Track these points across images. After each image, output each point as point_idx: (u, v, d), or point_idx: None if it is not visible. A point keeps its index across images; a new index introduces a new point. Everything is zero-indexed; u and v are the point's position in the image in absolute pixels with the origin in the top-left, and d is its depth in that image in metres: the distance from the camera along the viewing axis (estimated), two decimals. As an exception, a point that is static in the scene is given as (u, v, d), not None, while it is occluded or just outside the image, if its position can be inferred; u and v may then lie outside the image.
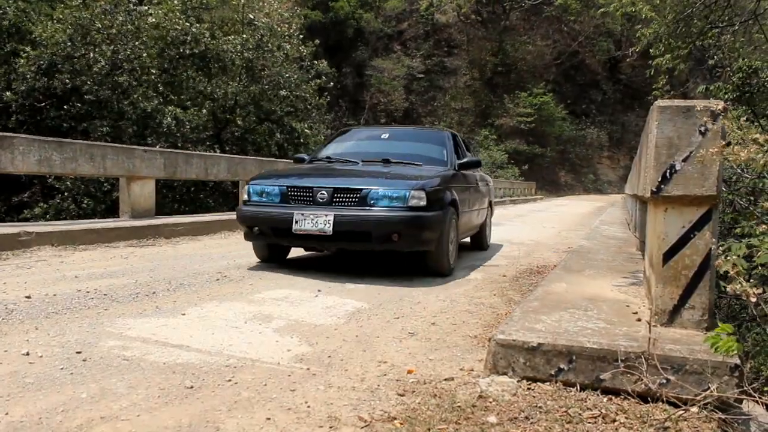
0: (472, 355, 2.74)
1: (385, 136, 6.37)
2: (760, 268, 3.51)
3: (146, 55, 13.06)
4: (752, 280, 2.73)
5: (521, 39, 41.00)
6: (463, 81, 39.25)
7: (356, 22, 36.04)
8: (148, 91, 12.94)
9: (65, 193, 11.62)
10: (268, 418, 1.95)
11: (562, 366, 2.30)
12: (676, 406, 2.05)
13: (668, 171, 2.51)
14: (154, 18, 13.09)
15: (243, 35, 14.78)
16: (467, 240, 6.84)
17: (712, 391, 2.05)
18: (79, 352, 2.52)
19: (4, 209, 13.12)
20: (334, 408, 2.06)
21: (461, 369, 2.53)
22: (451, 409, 2.06)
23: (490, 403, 2.13)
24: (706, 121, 2.46)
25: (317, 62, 17.04)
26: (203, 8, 15.85)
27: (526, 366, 2.35)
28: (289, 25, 16.19)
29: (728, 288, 2.02)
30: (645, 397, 2.14)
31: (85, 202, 11.60)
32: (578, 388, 2.25)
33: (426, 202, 4.53)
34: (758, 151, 2.31)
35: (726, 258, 2.06)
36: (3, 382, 2.16)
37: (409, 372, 2.48)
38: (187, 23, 13.62)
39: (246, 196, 5.02)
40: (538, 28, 41.33)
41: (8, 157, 6.10)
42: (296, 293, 3.97)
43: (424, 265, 4.91)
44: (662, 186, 2.52)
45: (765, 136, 2.35)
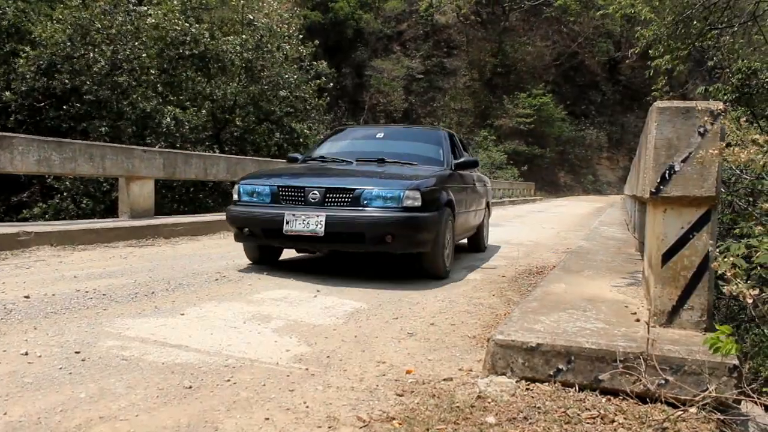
0: (471, 356, 2.74)
1: (381, 135, 6.26)
2: (759, 268, 3.52)
3: (146, 56, 13.06)
4: (750, 281, 2.73)
5: (521, 40, 41.02)
6: (463, 82, 39.25)
7: (356, 23, 36.05)
8: (148, 91, 12.94)
9: (64, 193, 11.61)
10: (267, 418, 1.95)
11: (561, 366, 2.30)
12: (675, 406, 2.06)
13: (667, 172, 2.51)
14: (153, 18, 13.09)
15: (242, 36, 14.78)
16: (464, 241, 6.79)
17: (710, 392, 2.05)
18: (77, 352, 2.52)
19: (3, 209, 13.11)
20: (333, 408, 2.06)
21: (460, 369, 2.53)
22: (450, 409, 2.06)
23: (489, 403, 2.13)
24: (706, 122, 2.46)
25: (317, 63, 17.04)
26: (203, 9, 15.84)
27: (525, 366, 2.35)
28: (288, 25, 16.20)
29: (725, 289, 2.03)
30: (644, 398, 2.14)
31: (84, 202, 11.59)
32: (577, 388, 2.25)
33: (421, 202, 4.44)
34: (758, 152, 2.31)
35: (724, 259, 2.07)
36: (2, 381, 2.16)
37: (408, 372, 2.48)
38: (187, 24, 13.62)
39: (236, 196, 4.92)
40: (538, 29, 41.35)
41: (7, 157, 6.10)
42: (295, 293, 3.97)
43: (419, 267, 4.82)
44: (661, 187, 2.52)
45: (765, 137, 2.35)
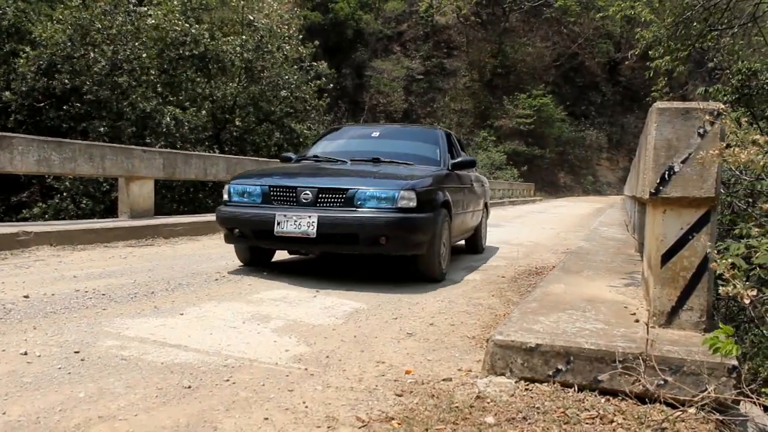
0: (471, 356, 2.74)
1: (376, 134, 6.13)
2: (759, 269, 3.51)
3: (146, 56, 13.06)
4: (749, 281, 2.73)
5: (521, 41, 41.03)
6: (463, 82, 39.26)
7: (356, 24, 36.06)
8: (148, 91, 12.94)
9: (64, 193, 11.62)
10: (266, 418, 1.95)
11: (560, 367, 2.30)
12: (674, 407, 2.06)
13: (667, 173, 2.51)
14: (153, 19, 13.10)
15: (242, 36, 14.80)
16: (462, 243, 6.71)
17: (709, 392, 2.05)
18: (77, 352, 2.52)
19: (2, 209, 13.12)
20: (332, 408, 2.06)
21: (459, 369, 2.53)
22: (449, 409, 2.06)
23: (488, 403, 2.13)
24: (705, 122, 2.46)
25: (317, 63, 17.06)
26: (203, 9, 15.85)
27: (524, 367, 2.35)
28: (288, 26, 16.21)
29: (720, 290, 2.03)
30: (643, 398, 2.14)
31: (84, 202, 11.60)
32: (576, 388, 2.25)
33: (416, 203, 4.32)
34: (758, 153, 2.31)
35: (722, 259, 2.07)
36: (1, 381, 2.16)
37: (407, 372, 2.48)
38: (187, 24, 13.63)
39: (226, 196, 4.81)
40: (538, 29, 41.37)
41: (7, 156, 6.10)
42: (294, 293, 3.97)
43: (415, 270, 4.69)
44: (661, 187, 2.52)
45: (765, 138, 2.35)
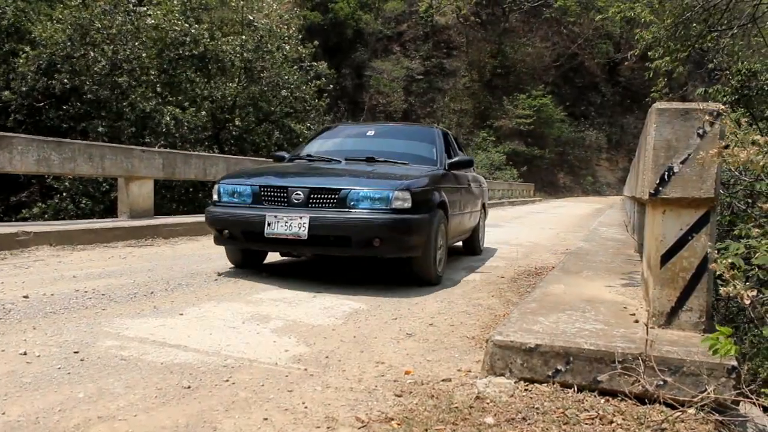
0: (470, 356, 2.74)
1: (371, 133, 5.98)
2: (758, 269, 3.52)
3: (145, 56, 13.07)
4: (748, 282, 2.73)
5: (520, 41, 41.04)
6: (462, 83, 39.27)
7: (356, 24, 36.07)
8: (147, 91, 12.94)
9: (64, 193, 11.62)
10: (266, 419, 1.95)
11: (560, 367, 2.30)
12: (674, 407, 2.06)
13: (666, 173, 2.51)
14: (153, 19, 13.10)
15: (242, 36, 14.80)
16: (459, 244, 6.62)
17: (709, 393, 2.05)
18: (76, 352, 2.52)
19: (2, 209, 13.12)
20: (332, 408, 2.06)
21: (459, 370, 2.53)
22: (449, 410, 2.06)
23: (488, 404, 2.13)
24: (705, 123, 2.46)
25: (316, 63, 17.06)
26: (202, 9, 15.86)
27: (524, 367, 2.35)
28: (288, 26, 16.22)
29: (721, 290, 2.03)
30: (642, 399, 2.15)
31: (84, 202, 11.60)
32: (575, 389, 2.25)
33: (411, 203, 4.20)
34: (757, 153, 2.31)
35: (722, 259, 2.07)
36: (0, 381, 2.16)
37: (407, 373, 2.48)
38: (186, 24, 13.63)
39: (216, 196, 4.66)
40: (538, 30, 41.38)
41: (6, 156, 6.10)
42: (294, 294, 3.97)
43: (409, 272, 4.55)
44: (660, 188, 2.52)
45: (764, 138, 2.35)
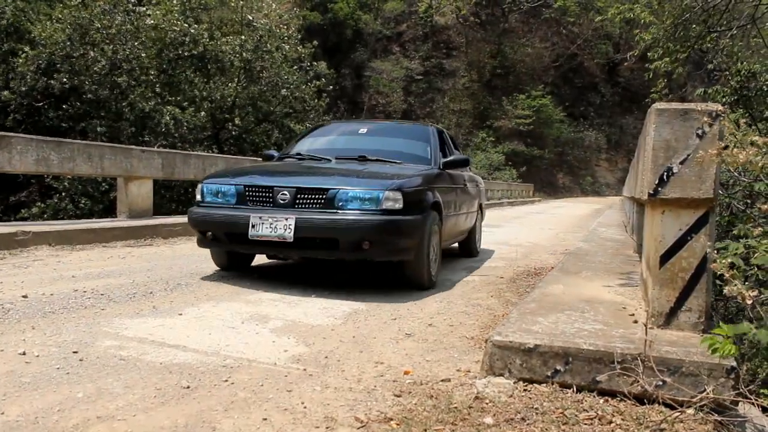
0: (469, 357, 2.74)
1: (364, 131, 5.78)
2: (757, 269, 3.52)
3: (145, 56, 13.07)
4: (747, 282, 2.74)
5: (520, 41, 41.06)
6: (462, 83, 39.29)
7: (355, 24, 36.10)
8: (147, 91, 12.94)
9: (63, 193, 11.62)
10: (265, 419, 1.95)
11: (559, 367, 2.30)
12: (672, 407, 2.06)
13: (665, 173, 2.51)
14: (152, 19, 13.10)
15: (241, 36, 14.80)
16: (455, 245, 6.50)
17: (708, 393, 2.05)
18: (75, 352, 2.52)
19: (1, 208, 13.12)
20: (331, 409, 2.06)
21: (458, 370, 2.53)
22: (448, 410, 2.06)
23: (487, 404, 2.13)
24: (704, 123, 2.46)
25: (316, 63, 17.08)
26: (202, 9, 15.87)
27: (523, 367, 2.35)
28: (287, 26, 16.23)
29: (725, 290, 2.03)
30: (641, 399, 2.15)
31: (83, 201, 11.60)
32: (575, 389, 2.25)
33: (403, 204, 4.01)
34: (756, 154, 2.32)
35: (721, 258, 2.07)
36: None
37: (406, 373, 2.48)
38: (186, 24, 13.64)
39: (199, 196, 4.47)
40: (537, 30, 41.40)
41: (6, 156, 6.09)
42: (293, 294, 3.97)
43: (401, 276, 4.38)
44: (659, 188, 2.52)
45: (763, 139, 2.35)
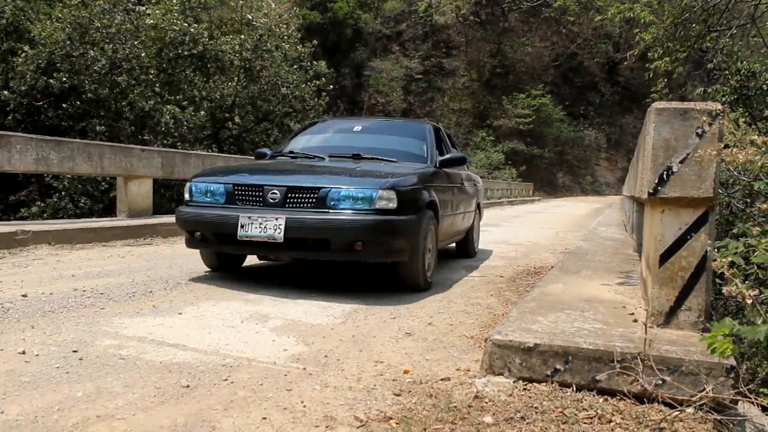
0: (469, 356, 2.74)
1: (359, 128, 5.66)
2: (757, 268, 3.52)
3: (144, 55, 13.06)
4: (747, 281, 2.74)
5: (520, 40, 41.05)
6: (462, 82, 39.28)
7: (355, 23, 36.09)
8: (146, 90, 12.94)
9: (62, 192, 11.61)
10: (264, 418, 1.95)
11: (559, 366, 2.30)
12: (672, 406, 2.06)
13: (665, 173, 2.51)
14: (152, 18, 13.09)
15: (241, 35, 14.80)
16: (453, 245, 6.38)
17: (707, 392, 2.05)
18: (75, 351, 2.52)
19: (1, 208, 13.11)
20: (330, 408, 2.06)
21: (458, 369, 2.53)
22: (447, 409, 2.06)
23: (486, 403, 2.13)
24: (704, 123, 2.46)
25: (316, 63, 17.07)
26: (201, 8, 15.87)
27: (523, 366, 2.35)
28: (287, 25, 16.22)
29: (724, 290, 2.03)
30: (641, 398, 2.15)
31: (83, 201, 11.59)
32: (574, 388, 2.25)
33: (397, 203, 3.90)
34: (756, 153, 2.32)
35: (721, 257, 2.07)
36: (-2, 380, 2.16)
37: (406, 372, 2.48)
38: (186, 23, 13.63)
39: (187, 195, 4.37)
40: (537, 29, 41.38)
41: (5, 155, 6.09)
42: (293, 293, 3.97)
43: (396, 278, 4.29)
44: (659, 188, 2.52)
45: (763, 138, 2.35)
